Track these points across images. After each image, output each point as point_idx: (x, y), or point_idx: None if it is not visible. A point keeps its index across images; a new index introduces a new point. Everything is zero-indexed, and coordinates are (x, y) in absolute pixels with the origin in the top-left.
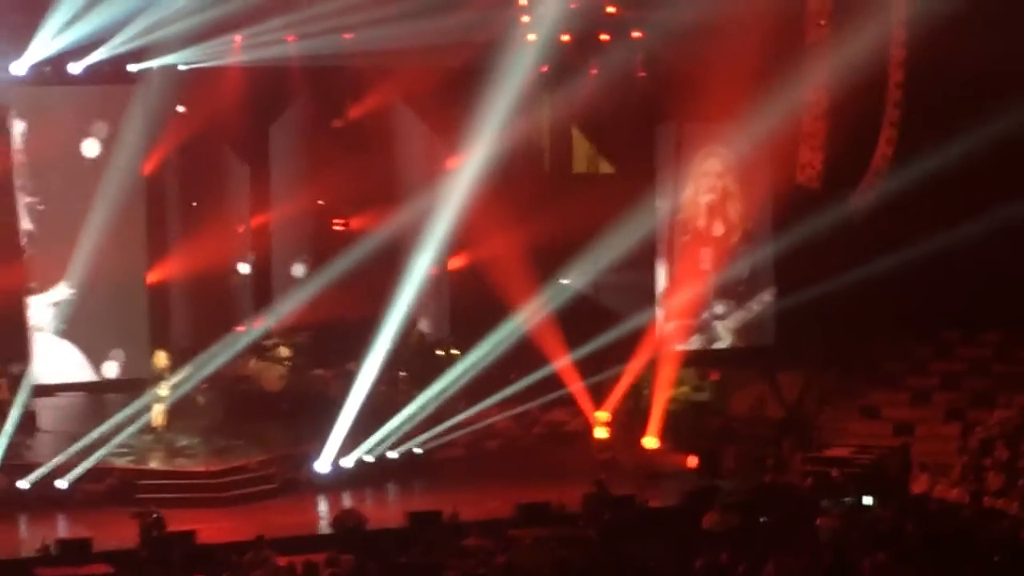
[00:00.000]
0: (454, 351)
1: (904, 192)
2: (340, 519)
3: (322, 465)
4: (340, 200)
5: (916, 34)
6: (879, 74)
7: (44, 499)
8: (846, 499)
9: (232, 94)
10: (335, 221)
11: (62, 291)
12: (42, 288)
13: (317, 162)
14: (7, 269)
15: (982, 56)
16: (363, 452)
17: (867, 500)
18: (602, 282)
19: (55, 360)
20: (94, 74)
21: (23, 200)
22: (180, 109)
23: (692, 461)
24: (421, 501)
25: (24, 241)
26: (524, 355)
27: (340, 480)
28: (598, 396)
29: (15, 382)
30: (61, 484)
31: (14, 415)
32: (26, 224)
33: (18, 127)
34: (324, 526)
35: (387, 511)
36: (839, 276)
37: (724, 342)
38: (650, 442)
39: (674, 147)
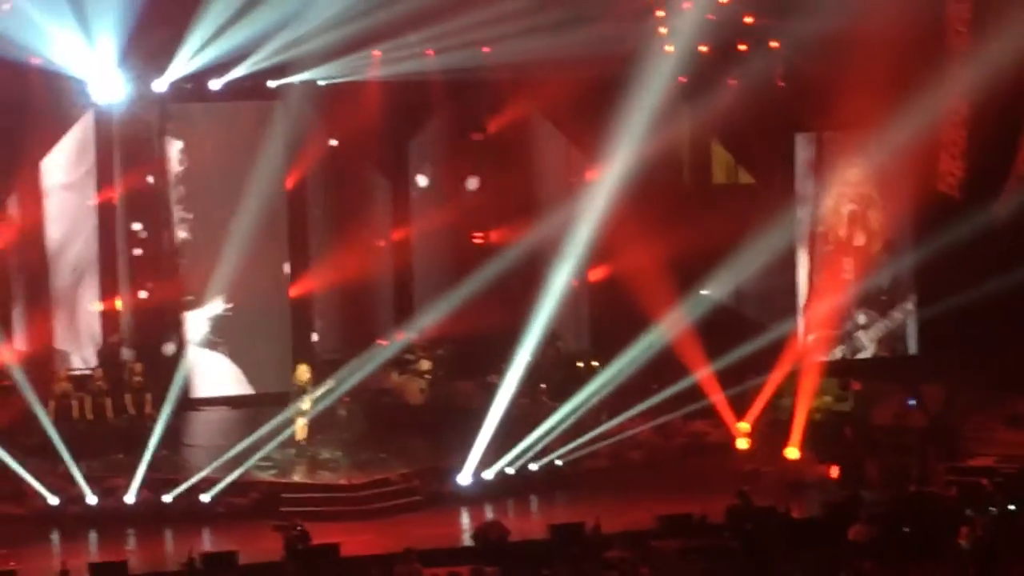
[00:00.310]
0: (594, 363)
1: None
2: (482, 531)
3: (464, 478)
4: (480, 213)
5: None
6: (1020, 80)
7: (188, 513)
8: (991, 508)
9: (371, 109)
10: (475, 234)
11: (208, 305)
12: (194, 303)
13: (457, 176)
14: (165, 283)
15: None
16: (505, 465)
17: (1012, 507)
18: (743, 293)
19: (199, 373)
20: (234, 90)
21: (178, 215)
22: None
23: (834, 472)
24: (563, 513)
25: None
26: (665, 366)
27: (482, 493)
28: (740, 407)
29: (160, 396)
30: (205, 498)
31: (159, 429)
32: (182, 237)
33: (174, 143)
34: (467, 539)
35: (529, 523)
36: (981, 285)
37: (866, 352)
38: (792, 453)
39: (814, 157)
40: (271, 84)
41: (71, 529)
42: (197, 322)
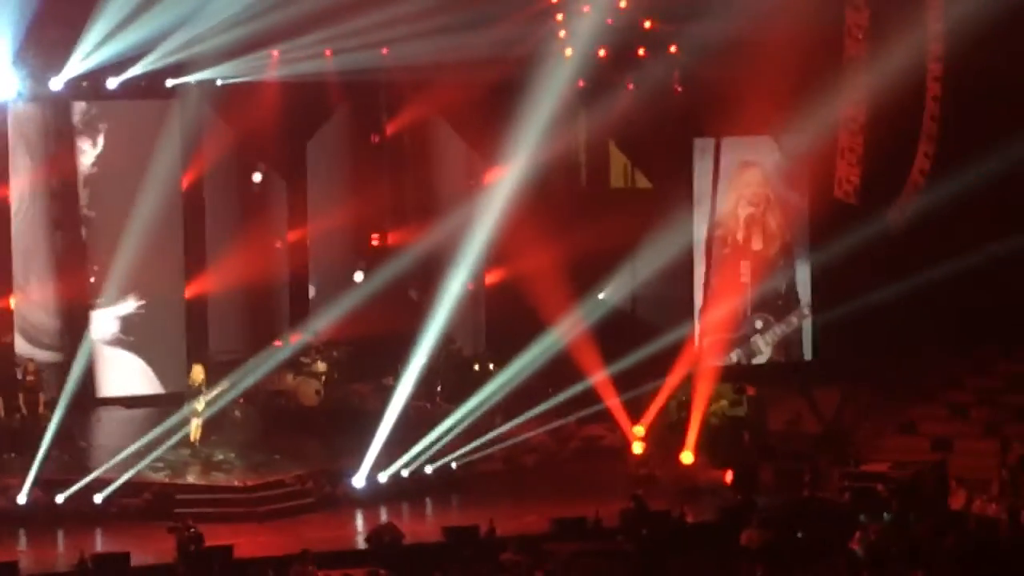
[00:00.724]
0: (490, 366)
1: (942, 207)
2: (376, 534)
3: (359, 480)
4: (377, 215)
5: (953, 48)
6: (917, 88)
7: (81, 513)
8: (884, 515)
9: (269, 109)
10: (372, 236)
11: (105, 305)
12: (92, 302)
13: (354, 177)
14: (74, 281)
15: (1019, 69)
16: (399, 467)
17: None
18: (640, 297)
19: (97, 373)
20: (132, 89)
21: (84, 213)
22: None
23: (729, 476)
24: (458, 516)
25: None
26: (561, 370)
27: (377, 495)
28: (635, 411)
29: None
30: (98, 498)
31: (52, 429)
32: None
33: (78, 141)
34: (361, 541)
35: (424, 526)
36: (877, 291)
37: (763, 357)
38: (687, 457)
39: (712, 161)
40: (169, 83)
41: None
42: (95, 321)
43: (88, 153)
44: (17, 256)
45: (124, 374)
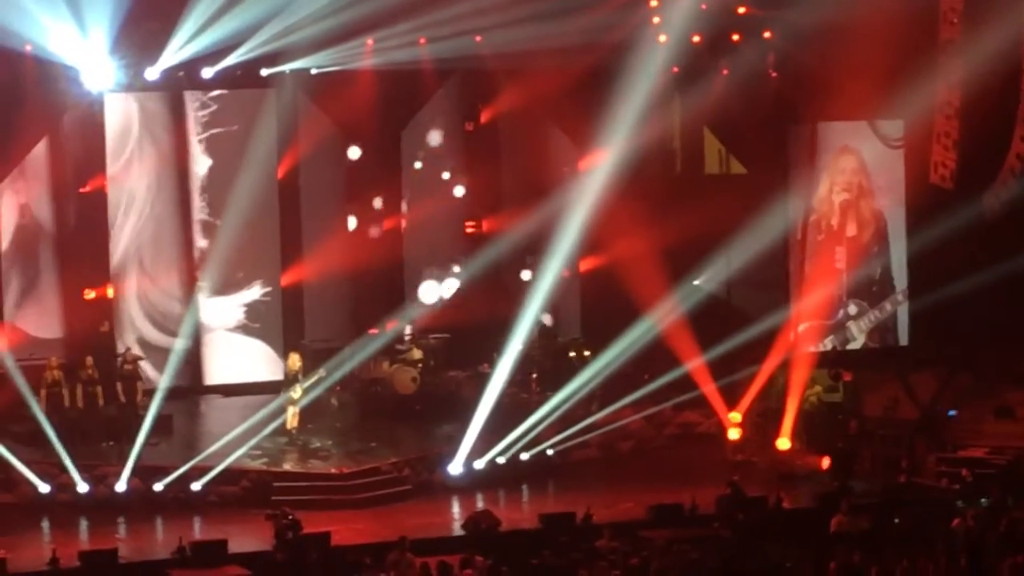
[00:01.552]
0: (586, 353)
1: None
2: (473, 520)
3: (455, 467)
4: (472, 203)
5: None
6: (1013, 71)
7: (179, 501)
8: (982, 500)
9: (364, 97)
10: (467, 224)
11: (207, 294)
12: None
13: (449, 165)
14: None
15: None
16: (496, 454)
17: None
18: (735, 283)
19: (190, 363)
20: (227, 79)
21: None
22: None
23: (825, 462)
24: (554, 503)
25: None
26: (657, 356)
27: (473, 482)
28: (731, 397)
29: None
30: (196, 486)
31: (150, 418)
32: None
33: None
34: (457, 528)
35: (520, 513)
36: (972, 276)
37: (857, 343)
38: (783, 443)
39: (807, 147)
40: (264, 72)
41: (61, 517)
42: (194, 311)
43: (197, 143)
44: (146, 245)
45: (222, 362)
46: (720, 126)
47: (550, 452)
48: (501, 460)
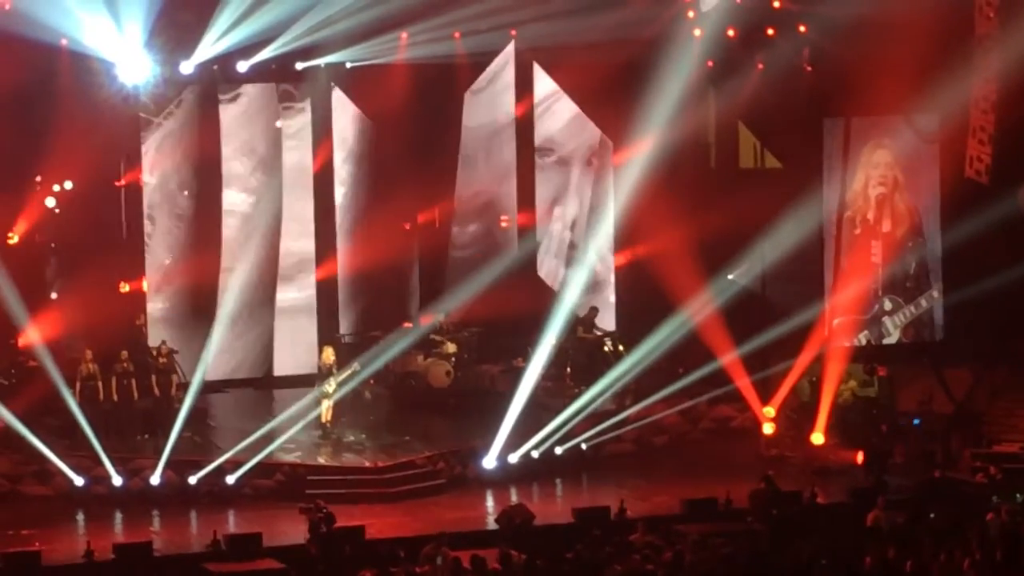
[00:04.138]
0: (620, 347)
1: None
2: (507, 515)
3: (489, 461)
4: (505, 196)
5: None
6: None
7: (213, 494)
8: (1017, 495)
9: (398, 91)
10: (502, 218)
11: (236, 286)
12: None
13: (484, 158)
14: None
15: None
16: (530, 448)
17: None
18: (770, 277)
19: (225, 355)
20: (261, 72)
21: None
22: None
23: (860, 457)
24: (588, 497)
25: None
26: (691, 350)
27: (507, 476)
28: (765, 392)
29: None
30: (230, 480)
31: (185, 411)
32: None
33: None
34: (491, 522)
35: (554, 507)
36: (1008, 270)
37: (892, 337)
38: (817, 438)
39: (842, 141)
40: (299, 66)
41: (96, 510)
42: (226, 303)
43: (227, 136)
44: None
45: (256, 355)
46: (755, 120)
47: (584, 446)
48: (535, 454)
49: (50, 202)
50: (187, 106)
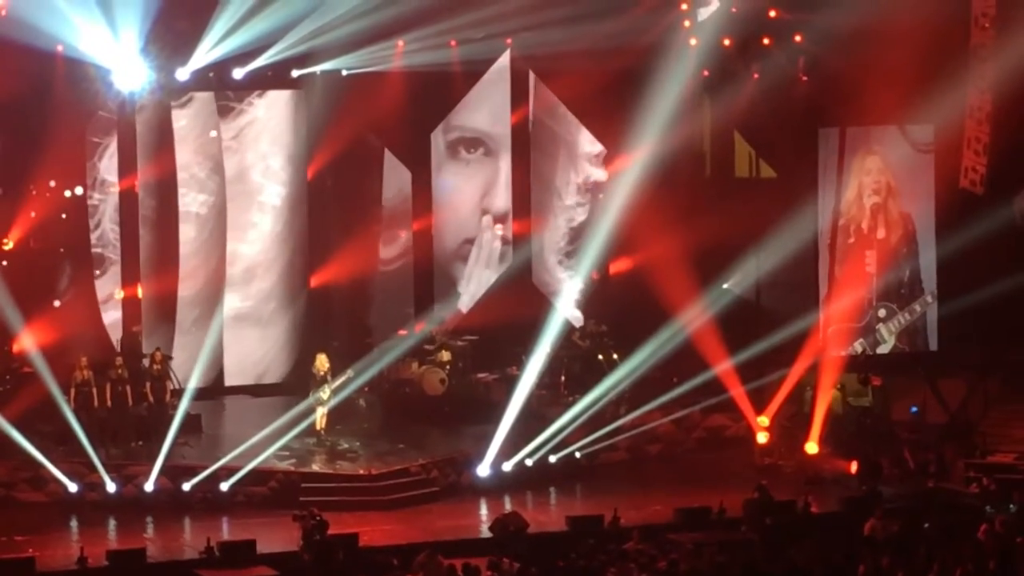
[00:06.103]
0: (614, 355)
1: None
2: (501, 523)
3: (483, 469)
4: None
5: None
6: None
7: (207, 501)
8: (1011, 506)
9: (394, 99)
10: (497, 226)
11: (229, 294)
12: (201, 291)
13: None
14: (167, 274)
15: None
16: (524, 456)
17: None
18: (764, 286)
19: (218, 363)
20: (257, 80)
21: (187, 204)
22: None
23: (854, 467)
24: (582, 505)
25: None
26: (685, 359)
27: (501, 484)
28: (759, 401)
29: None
30: (224, 487)
31: (179, 418)
32: (189, 229)
33: (185, 128)
34: (485, 530)
35: (548, 515)
36: (1002, 280)
37: (886, 346)
38: (811, 447)
39: (837, 151)
40: (295, 73)
41: (90, 516)
42: (222, 310)
43: (226, 145)
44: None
45: (249, 363)
46: (750, 130)
47: (578, 455)
48: (529, 462)
49: (51, 208)
50: (181, 113)
